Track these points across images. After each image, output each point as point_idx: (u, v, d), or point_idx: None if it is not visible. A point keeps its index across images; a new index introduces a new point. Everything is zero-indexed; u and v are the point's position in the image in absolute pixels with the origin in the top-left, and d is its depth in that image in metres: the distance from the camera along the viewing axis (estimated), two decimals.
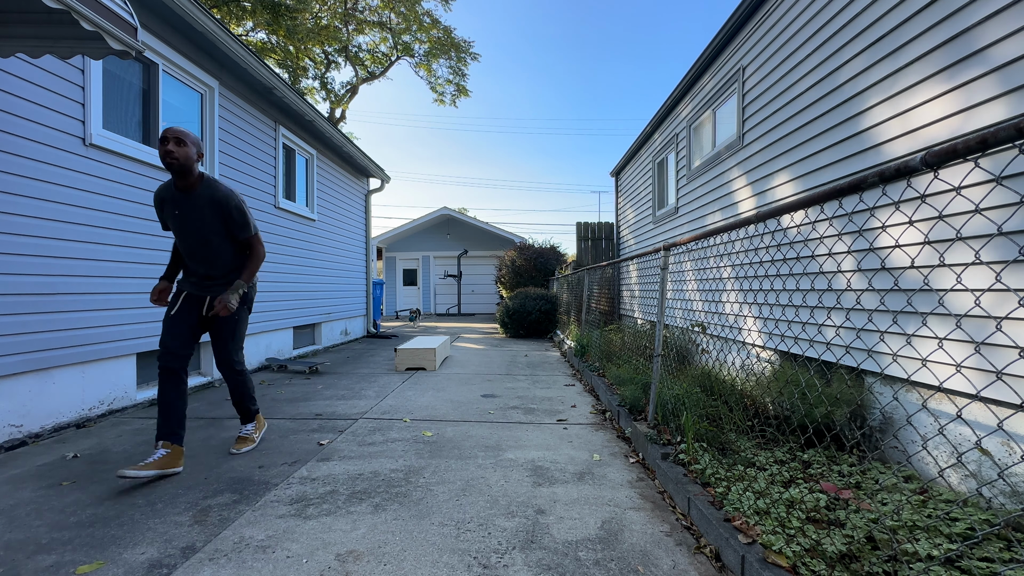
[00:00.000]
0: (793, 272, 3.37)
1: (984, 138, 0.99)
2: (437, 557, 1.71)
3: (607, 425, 3.37)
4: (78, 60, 3.31)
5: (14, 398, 2.91)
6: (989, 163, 2.03)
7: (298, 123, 6.50)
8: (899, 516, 1.74)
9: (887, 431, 2.62)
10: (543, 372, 5.44)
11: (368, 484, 2.33)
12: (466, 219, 16.72)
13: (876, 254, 2.07)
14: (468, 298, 16.94)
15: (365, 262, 9.12)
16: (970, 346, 2.06)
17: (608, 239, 10.43)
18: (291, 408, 3.77)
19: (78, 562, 1.67)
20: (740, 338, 4.26)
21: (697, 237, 2.53)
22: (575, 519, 2.00)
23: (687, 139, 6.08)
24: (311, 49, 16.78)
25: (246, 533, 1.86)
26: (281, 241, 6.00)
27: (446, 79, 18.76)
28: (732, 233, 4.46)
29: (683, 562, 1.70)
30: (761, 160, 4.15)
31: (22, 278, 2.96)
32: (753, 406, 3.13)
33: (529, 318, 9.11)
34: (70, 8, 2.09)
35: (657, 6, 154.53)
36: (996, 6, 2.07)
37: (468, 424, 3.35)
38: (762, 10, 4.20)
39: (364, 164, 8.47)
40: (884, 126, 2.71)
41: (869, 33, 2.85)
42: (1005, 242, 2.00)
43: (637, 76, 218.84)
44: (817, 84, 3.36)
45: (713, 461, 2.28)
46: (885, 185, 1.28)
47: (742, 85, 4.56)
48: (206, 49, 4.55)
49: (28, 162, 2.99)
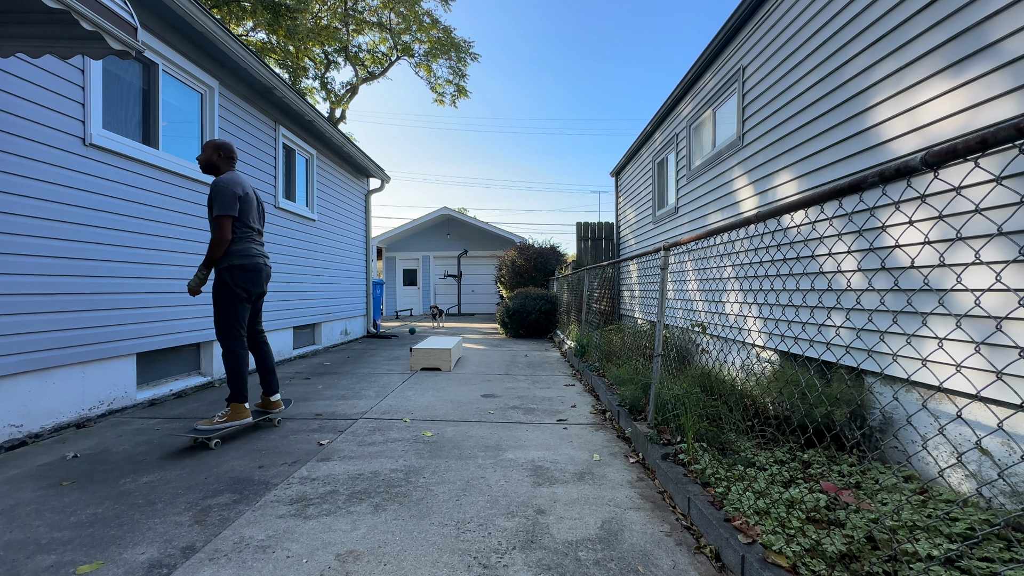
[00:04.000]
0: (793, 272, 3.37)
1: (984, 138, 0.98)
2: (437, 557, 1.71)
3: (607, 425, 3.37)
4: (78, 60, 3.31)
5: (14, 398, 2.91)
6: (990, 163, 2.03)
7: (298, 123, 6.50)
8: (899, 516, 1.74)
9: (887, 431, 2.62)
10: (543, 372, 5.44)
11: (368, 484, 2.33)
12: (466, 219, 16.72)
13: (876, 254, 2.07)
14: (468, 298, 16.94)
15: (365, 262, 9.12)
16: (970, 346, 2.05)
17: (608, 239, 10.43)
18: (291, 408, 3.77)
19: (78, 562, 1.67)
20: (740, 338, 4.26)
21: (697, 237, 2.53)
22: (575, 519, 2.00)
23: (687, 139, 6.07)
24: (311, 49, 16.77)
25: (246, 533, 1.86)
26: (281, 241, 6.00)
27: (446, 79, 18.76)
28: (732, 233, 4.46)
29: (683, 562, 1.70)
30: (761, 160, 4.15)
31: (22, 278, 2.96)
32: (753, 406, 3.13)
33: (529, 318, 9.11)
34: (70, 8, 2.09)
35: (658, 5, 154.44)
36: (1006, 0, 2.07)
37: (468, 424, 3.35)
38: (762, 10, 4.20)
39: (364, 164, 8.47)
40: (889, 123, 2.70)
41: (873, 30, 2.85)
42: (1005, 242, 2.00)
43: (638, 75, 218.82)
44: (819, 83, 3.35)
45: (713, 461, 2.28)
46: (885, 185, 1.28)
47: (742, 85, 4.56)
48: (206, 49, 4.55)
49: (28, 162, 2.99)
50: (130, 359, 3.76)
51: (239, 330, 3.00)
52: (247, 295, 3.00)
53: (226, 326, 2.97)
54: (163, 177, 4.07)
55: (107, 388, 3.56)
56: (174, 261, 4.17)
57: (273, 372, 3.28)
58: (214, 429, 2.84)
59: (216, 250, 2.88)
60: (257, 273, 3.04)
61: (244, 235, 3.01)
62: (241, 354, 3.00)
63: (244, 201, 2.97)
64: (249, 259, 2.99)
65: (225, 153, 3.09)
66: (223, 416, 2.91)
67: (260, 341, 3.28)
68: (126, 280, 3.70)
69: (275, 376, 3.27)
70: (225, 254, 2.93)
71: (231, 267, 2.93)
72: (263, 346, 3.28)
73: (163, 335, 4.07)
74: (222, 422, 2.89)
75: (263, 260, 3.11)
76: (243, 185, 3.00)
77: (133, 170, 3.78)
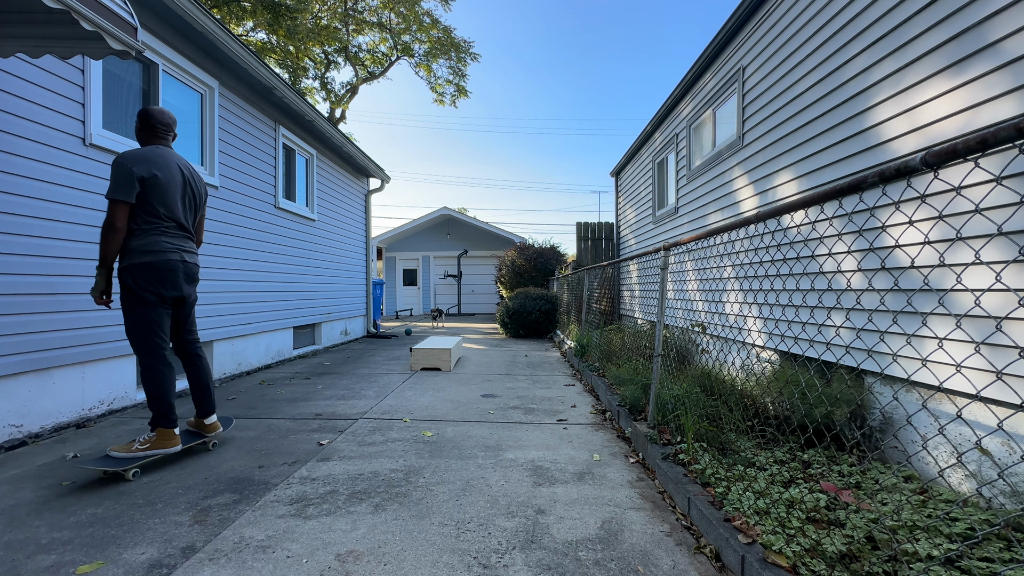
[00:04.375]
0: (793, 272, 3.37)
1: (984, 138, 0.98)
2: (437, 557, 1.71)
3: (607, 425, 3.37)
4: (78, 60, 3.31)
5: (14, 398, 2.91)
6: (990, 163, 2.03)
7: (298, 123, 6.50)
8: (899, 516, 1.74)
9: (887, 431, 2.62)
10: (543, 372, 5.44)
11: (368, 484, 2.33)
12: (466, 219, 16.72)
13: (876, 254, 2.07)
14: (468, 298, 16.94)
15: (365, 262, 9.12)
16: (970, 346, 2.05)
17: (608, 239, 10.43)
18: (291, 408, 3.77)
19: (78, 562, 1.67)
20: (740, 338, 4.26)
21: (697, 237, 2.53)
22: (575, 519, 2.00)
23: (687, 139, 6.07)
24: (311, 49, 16.78)
25: (246, 533, 1.86)
26: (281, 241, 6.00)
27: (446, 79, 18.77)
28: (732, 233, 4.46)
29: (683, 562, 1.70)
30: (761, 160, 4.15)
31: (22, 278, 2.96)
32: (753, 406, 3.13)
33: (529, 318, 9.11)
34: (70, 8, 2.09)
35: (659, 4, 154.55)
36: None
37: (468, 424, 3.35)
38: (762, 10, 4.20)
39: (364, 164, 8.47)
40: (889, 123, 2.70)
41: (873, 30, 2.85)
42: (1005, 242, 2.00)
43: (638, 75, 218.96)
44: (819, 83, 3.35)
45: (713, 461, 2.28)
46: (885, 185, 1.28)
47: (742, 84, 4.56)
48: (206, 49, 4.55)
49: (28, 162, 2.99)
50: (130, 359, 3.76)
51: (156, 342, 2.50)
52: (159, 299, 2.49)
53: (137, 338, 2.47)
54: None
55: (107, 388, 3.56)
56: None
57: (208, 390, 2.82)
58: (131, 458, 2.39)
59: (106, 243, 2.36)
60: (169, 272, 2.50)
61: (151, 226, 2.46)
62: (161, 371, 2.51)
63: (152, 184, 2.42)
64: (156, 255, 2.46)
65: (143, 122, 2.58)
66: (145, 442, 2.47)
67: (192, 352, 2.81)
68: None
69: (211, 395, 2.84)
70: (125, 250, 2.43)
71: (132, 267, 2.42)
72: (195, 358, 2.81)
73: None
74: (142, 449, 2.44)
75: (178, 256, 2.56)
76: (154, 163, 2.45)
77: None
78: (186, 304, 2.72)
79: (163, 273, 2.49)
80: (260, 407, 3.79)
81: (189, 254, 2.65)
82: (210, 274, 4.61)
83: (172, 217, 2.54)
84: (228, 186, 4.95)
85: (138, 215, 2.43)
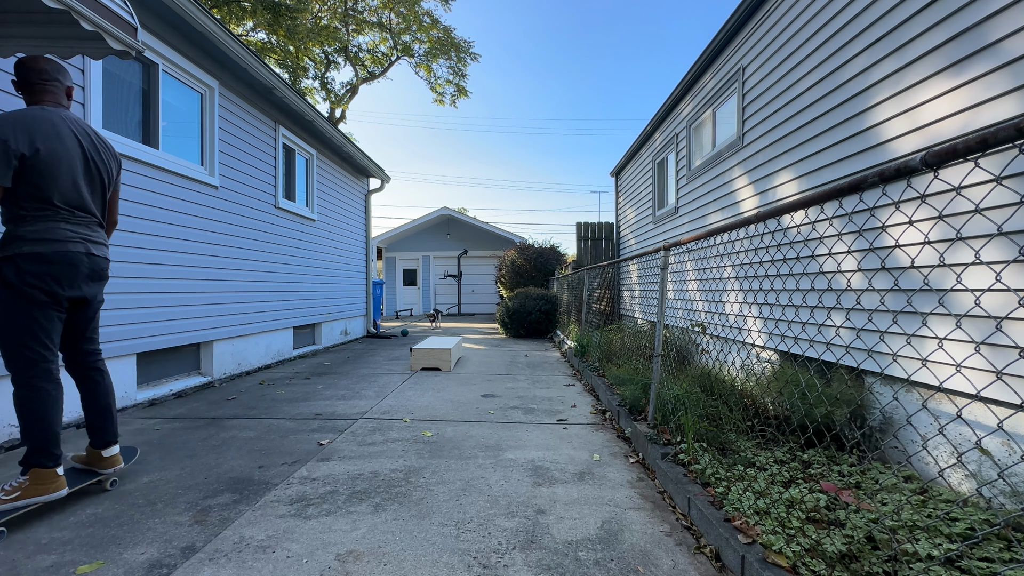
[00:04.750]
0: (793, 272, 3.37)
1: (984, 138, 0.98)
2: (437, 557, 1.71)
3: (607, 425, 3.37)
4: (78, 60, 3.31)
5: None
6: (990, 163, 2.03)
7: (298, 123, 6.50)
8: (899, 516, 1.74)
9: (887, 431, 2.62)
10: (543, 372, 5.44)
11: (368, 484, 2.33)
12: (466, 219, 16.72)
13: (876, 254, 2.07)
14: (468, 298, 16.94)
15: (365, 262, 9.12)
16: (970, 346, 2.05)
17: (608, 239, 10.43)
18: (291, 408, 3.77)
19: (78, 562, 1.67)
20: (740, 338, 4.26)
21: (697, 237, 2.53)
22: (575, 519, 2.00)
23: (687, 139, 6.07)
24: (311, 49, 16.78)
25: (246, 533, 1.86)
26: (281, 241, 6.00)
27: (446, 79, 18.78)
28: (732, 233, 4.46)
29: (683, 562, 1.70)
30: (762, 160, 4.15)
31: None
32: (753, 406, 3.13)
33: (529, 318, 9.11)
34: (70, 8, 2.09)
35: (660, 4, 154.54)
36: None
37: (468, 424, 3.35)
38: (762, 10, 4.20)
39: (364, 164, 8.47)
40: (889, 123, 2.70)
41: (873, 30, 2.85)
42: (1005, 242, 2.00)
43: (639, 74, 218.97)
44: (819, 83, 3.35)
45: (713, 461, 2.28)
46: (885, 185, 1.28)
47: (742, 85, 4.56)
48: (206, 49, 4.55)
49: None
50: (130, 359, 3.76)
51: (39, 351, 1.94)
52: (50, 299, 1.95)
53: (10, 347, 1.91)
54: (163, 177, 4.07)
55: None
56: (174, 261, 4.17)
57: (110, 414, 2.23)
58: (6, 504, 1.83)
59: None
60: (68, 267, 1.99)
61: (41, 213, 1.94)
62: (42, 391, 1.93)
63: (35, 162, 1.88)
64: (52, 245, 1.94)
65: (22, 76, 2.01)
66: (13, 489, 1.88)
67: (90, 366, 2.22)
68: (126, 280, 3.69)
69: (113, 419, 2.24)
70: (8, 237, 1.91)
71: (16, 256, 1.89)
72: (95, 373, 2.23)
73: (163, 335, 4.07)
74: (9, 499, 1.85)
75: (83, 248, 2.04)
76: (38, 132, 1.89)
77: (133, 170, 3.77)
78: (90, 307, 2.19)
79: (60, 267, 1.96)
80: (260, 407, 3.79)
81: (96, 245, 2.12)
82: (210, 274, 4.62)
83: (69, 204, 2.01)
84: (228, 186, 4.95)
85: (21, 201, 1.90)
